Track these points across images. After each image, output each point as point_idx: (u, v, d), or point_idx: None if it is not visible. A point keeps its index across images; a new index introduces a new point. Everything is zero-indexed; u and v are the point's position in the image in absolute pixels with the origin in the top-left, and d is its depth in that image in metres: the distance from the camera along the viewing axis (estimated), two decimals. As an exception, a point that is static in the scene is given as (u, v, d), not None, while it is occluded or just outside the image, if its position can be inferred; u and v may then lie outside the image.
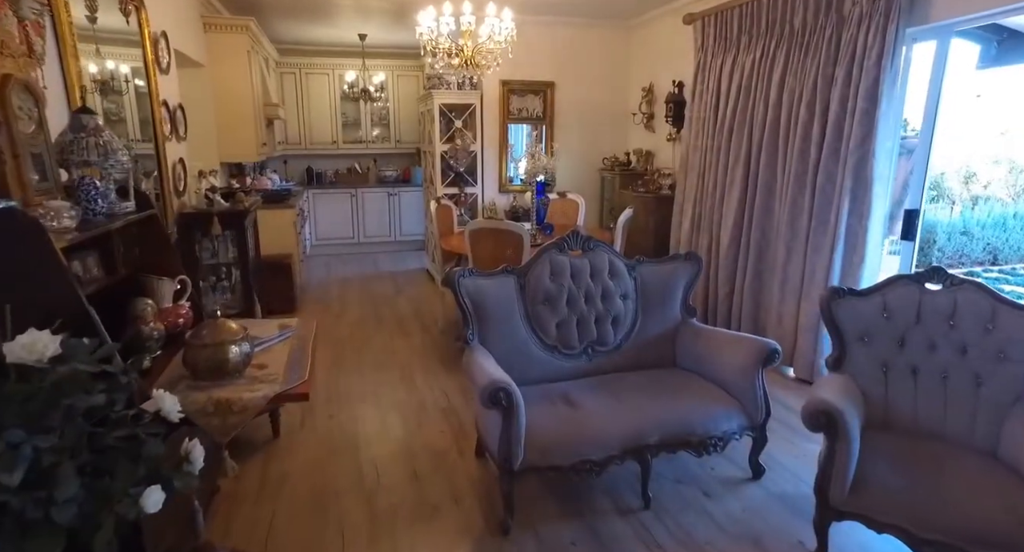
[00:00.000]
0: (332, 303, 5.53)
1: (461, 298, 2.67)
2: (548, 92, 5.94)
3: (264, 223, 5.22)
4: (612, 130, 6.23)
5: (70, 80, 2.30)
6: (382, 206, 7.76)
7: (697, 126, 4.76)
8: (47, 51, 2.14)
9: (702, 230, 4.73)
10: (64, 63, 2.29)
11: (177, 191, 3.67)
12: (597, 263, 2.96)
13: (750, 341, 2.67)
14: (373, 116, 7.77)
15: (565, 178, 6.17)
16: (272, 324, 2.28)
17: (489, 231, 3.55)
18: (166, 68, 3.59)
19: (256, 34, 5.23)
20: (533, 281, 2.85)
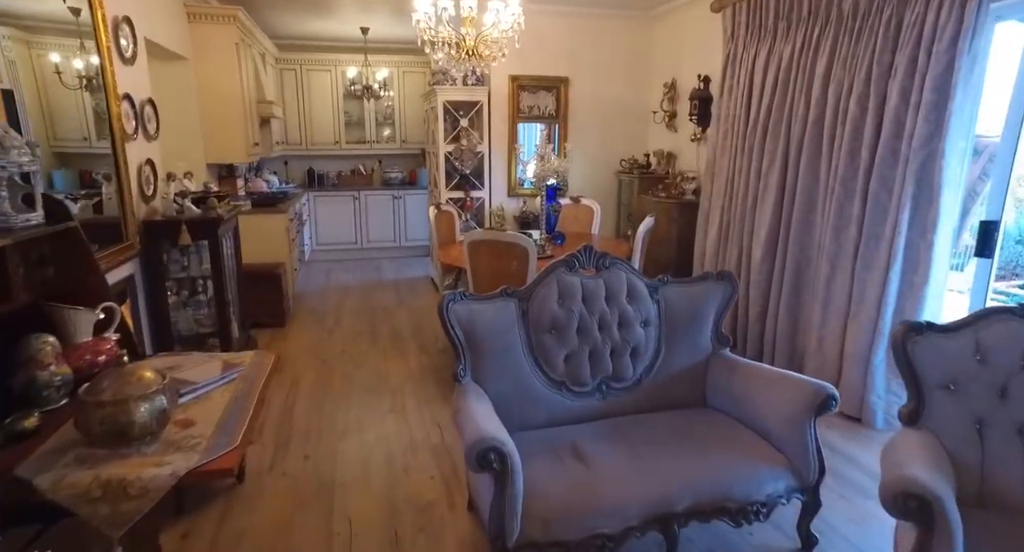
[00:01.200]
0: (327, 315, 5.13)
1: (450, 327, 2.24)
2: (562, 88, 5.50)
3: (253, 229, 4.84)
4: (631, 130, 5.76)
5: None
6: (386, 210, 7.37)
7: (726, 125, 4.29)
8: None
9: (731, 241, 4.25)
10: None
11: (145, 196, 3.29)
12: (613, 284, 2.52)
13: (800, 383, 2.20)
14: (378, 115, 7.38)
15: (579, 182, 5.72)
16: (215, 361, 1.88)
17: (490, 244, 3.12)
18: (131, 58, 3.21)
19: (247, 25, 4.86)
20: (538, 306, 2.41)
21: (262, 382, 1.85)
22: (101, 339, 1.81)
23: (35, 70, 2.74)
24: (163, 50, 4.07)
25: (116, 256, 2.91)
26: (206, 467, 1.34)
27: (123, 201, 3.00)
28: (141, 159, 3.27)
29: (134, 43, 3.25)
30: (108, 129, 2.92)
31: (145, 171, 3.32)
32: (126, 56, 3.16)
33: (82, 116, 2.84)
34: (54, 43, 2.78)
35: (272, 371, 1.98)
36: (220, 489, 2.59)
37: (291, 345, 4.40)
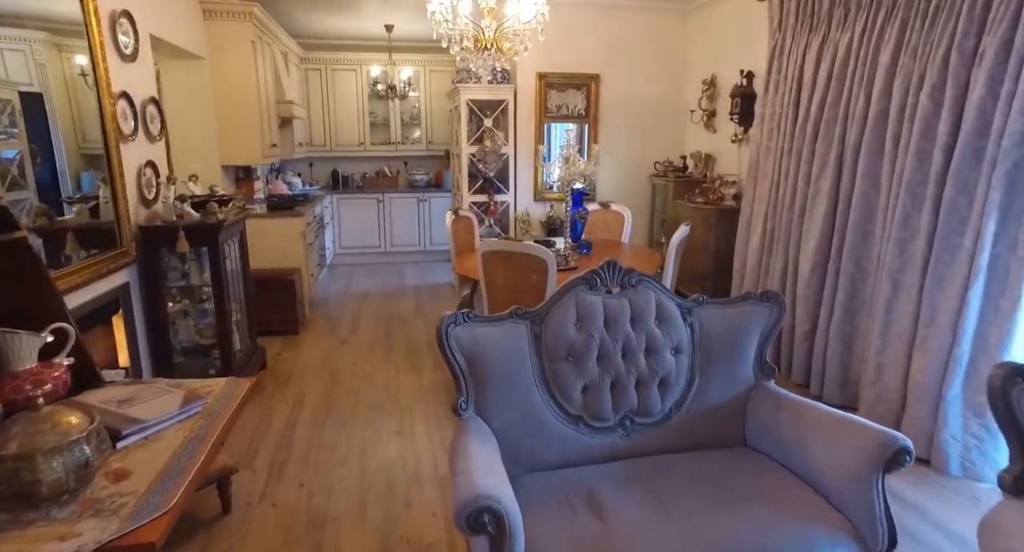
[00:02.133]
0: (343, 323, 4.93)
1: (450, 354, 1.97)
2: (592, 86, 5.18)
3: (268, 233, 4.69)
4: (666, 130, 5.40)
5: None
6: (411, 213, 7.16)
7: (771, 124, 3.90)
8: None
9: (775, 251, 3.86)
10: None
11: (145, 200, 3.12)
12: (640, 304, 2.20)
13: (864, 430, 1.84)
14: (403, 115, 7.19)
15: (609, 185, 5.39)
16: (178, 392, 1.64)
17: (505, 255, 2.83)
18: (131, 55, 3.04)
19: (264, 22, 4.70)
20: (553, 329, 2.11)
21: (226, 419, 1.60)
22: (48, 365, 1.59)
23: (64, 72, 2.66)
24: (176, 49, 3.94)
25: (108, 263, 2.74)
26: (120, 541, 1.09)
27: (117, 205, 2.83)
28: (141, 161, 3.11)
29: (135, 40, 3.09)
30: (101, 129, 2.74)
31: (146, 173, 3.15)
32: (125, 53, 2.99)
33: (71, 116, 2.67)
34: (80, 46, 2.66)
35: (243, 403, 1.74)
36: (203, 520, 2.37)
37: (302, 355, 4.20)
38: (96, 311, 2.70)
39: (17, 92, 2.57)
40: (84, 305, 2.58)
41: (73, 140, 2.74)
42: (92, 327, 2.78)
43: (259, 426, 3.16)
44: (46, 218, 2.81)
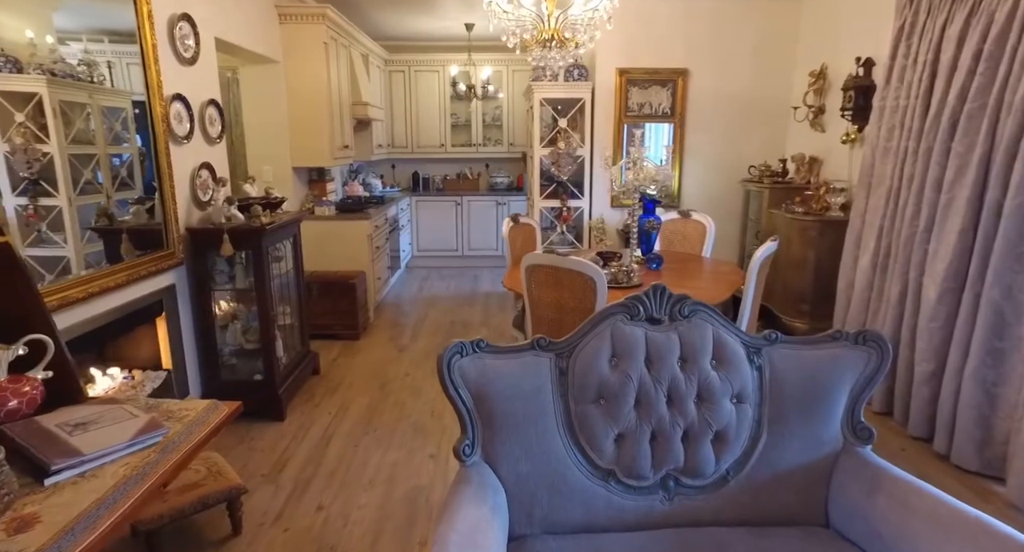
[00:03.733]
0: (405, 330, 4.81)
1: (453, 390, 1.69)
2: (679, 82, 4.69)
3: (335, 236, 4.68)
4: (763, 130, 4.80)
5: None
6: (489, 216, 6.98)
7: (892, 120, 3.27)
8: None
9: (891, 273, 3.23)
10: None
11: (200, 202, 3.12)
12: (693, 340, 1.80)
13: (1008, 542, 1.33)
14: (485, 117, 7.03)
15: (696, 192, 4.88)
16: (141, 418, 1.49)
17: (548, 270, 2.51)
18: (191, 58, 3.05)
19: (339, 23, 4.69)
20: (582, 365, 1.77)
21: (182, 453, 1.42)
22: (16, 380, 1.50)
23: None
24: (253, 53, 3.98)
25: (152, 264, 2.74)
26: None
27: (164, 207, 2.83)
28: (196, 163, 3.11)
29: (196, 43, 3.10)
30: (151, 131, 2.74)
31: (202, 176, 3.16)
32: (184, 56, 3.00)
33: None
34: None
35: (210, 434, 1.56)
36: (210, 541, 2.26)
37: (357, 362, 4.11)
38: (139, 312, 2.71)
39: (131, 100, 2.67)
40: (125, 306, 2.58)
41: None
42: (136, 328, 2.80)
43: (296, 435, 3.06)
44: (107, 219, 2.88)
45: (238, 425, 3.16)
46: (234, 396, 3.21)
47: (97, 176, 2.75)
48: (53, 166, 2.64)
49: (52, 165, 2.64)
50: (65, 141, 2.63)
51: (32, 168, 2.67)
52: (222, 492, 2.18)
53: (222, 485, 2.20)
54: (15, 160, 2.50)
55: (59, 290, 2.19)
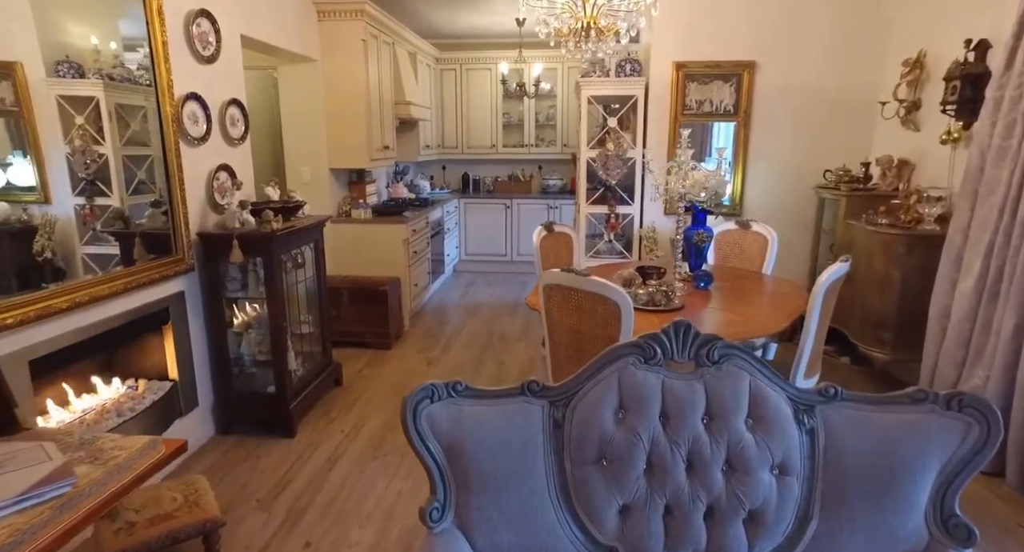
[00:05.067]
0: (439, 340, 4.59)
1: (419, 441, 1.41)
2: (744, 76, 4.21)
3: (371, 239, 4.55)
4: (844, 129, 4.24)
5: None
6: (540, 220, 6.52)
7: (1012, 114, 2.72)
8: None
9: (1003, 302, 2.68)
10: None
11: (217, 206, 3.01)
12: (723, 392, 1.44)
13: None
14: (538, 116, 6.73)
15: (760, 199, 4.38)
16: (51, 464, 1.30)
17: (566, 291, 2.18)
18: (211, 57, 2.94)
19: (379, 19, 4.52)
20: (581, 417, 1.46)
21: (82, 512, 1.21)
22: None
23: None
24: (286, 52, 3.88)
25: (156, 270, 2.63)
26: None
27: (173, 210, 2.72)
28: (213, 165, 3.00)
29: (217, 41, 2.98)
30: (159, 132, 2.63)
31: (220, 178, 3.05)
32: (203, 54, 2.89)
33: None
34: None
35: (134, 482, 1.35)
36: (186, 575, 2.09)
37: (382, 375, 3.92)
38: (144, 320, 2.60)
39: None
40: (127, 313, 2.48)
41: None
42: (144, 335, 2.71)
43: (302, 455, 2.88)
44: (122, 222, 2.81)
45: (248, 439, 3.03)
46: (246, 409, 3.12)
47: (154, 176, 2.73)
48: (108, 167, 2.62)
49: (107, 166, 2.62)
50: (119, 142, 2.61)
51: (89, 169, 2.66)
52: (195, 526, 2.00)
53: (196, 517, 2.02)
54: (75, 161, 2.51)
55: (38, 299, 2.07)
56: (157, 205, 2.84)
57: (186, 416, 2.83)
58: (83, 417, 2.36)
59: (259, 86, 4.73)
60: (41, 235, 2.34)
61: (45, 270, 2.29)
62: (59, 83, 2.36)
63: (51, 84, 2.32)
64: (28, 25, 2.24)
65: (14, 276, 2.18)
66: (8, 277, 2.16)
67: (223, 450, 2.94)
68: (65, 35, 2.41)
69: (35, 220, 2.30)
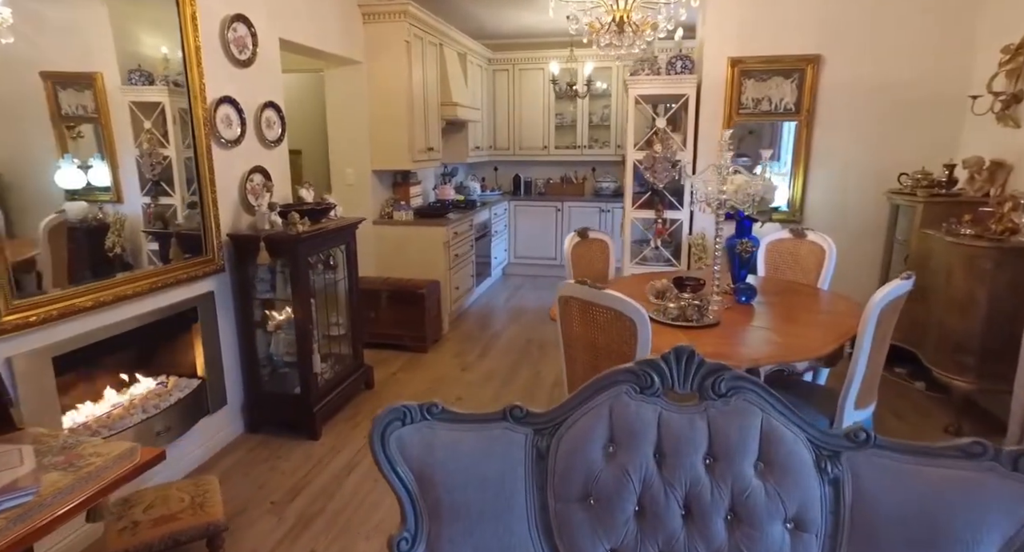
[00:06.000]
0: (476, 345, 4.51)
1: (388, 469, 1.31)
2: (807, 72, 3.87)
3: (412, 241, 4.53)
4: (924, 127, 3.82)
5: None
6: (591, 224, 6.42)
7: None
8: None
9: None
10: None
11: (250, 208, 3.05)
12: (730, 431, 1.26)
13: None
14: (592, 117, 6.54)
15: (823, 204, 4.03)
16: (16, 471, 1.30)
17: (582, 305, 2.02)
18: (247, 60, 2.99)
19: (424, 19, 4.50)
20: (567, 449, 1.32)
21: (39, 522, 1.19)
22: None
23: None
24: (329, 54, 3.92)
25: (185, 270, 2.69)
26: None
27: (203, 211, 2.77)
28: (247, 167, 3.04)
29: (254, 45, 3.02)
30: (192, 134, 2.69)
31: (254, 180, 3.09)
32: (239, 58, 2.94)
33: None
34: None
35: (99, 493, 1.32)
36: (190, 576, 2.10)
37: (414, 379, 3.88)
38: (172, 319, 2.66)
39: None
40: (153, 312, 2.53)
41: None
42: (173, 334, 2.77)
43: (322, 459, 2.87)
44: (161, 222, 2.90)
45: (274, 439, 3.05)
46: (273, 409, 3.14)
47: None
48: (171, 168, 2.74)
49: (170, 167, 2.74)
50: (183, 145, 2.74)
51: (155, 170, 2.79)
52: (197, 529, 2.00)
53: (199, 520, 2.01)
54: (143, 163, 2.66)
55: (60, 299, 2.13)
56: (194, 206, 2.91)
57: (213, 414, 2.88)
58: (111, 412, 2.43)
59: (312, 89, 4.83)
60: (112, 232, 2.52)
61: (115, 264, 2.47)
62: (132, 90, 2.54)
63: (125, 91, 2.51)
64: (108, 38, 2.44)
65: (88, 270, 2.35)
66: (84, 270, 2.34)
67: (248, 448, 2.98)
68: (138, 46, 2.58)
69: (108, 218, 2.48)
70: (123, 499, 2.10)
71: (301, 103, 4.95)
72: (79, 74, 2.38)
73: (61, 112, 2.33)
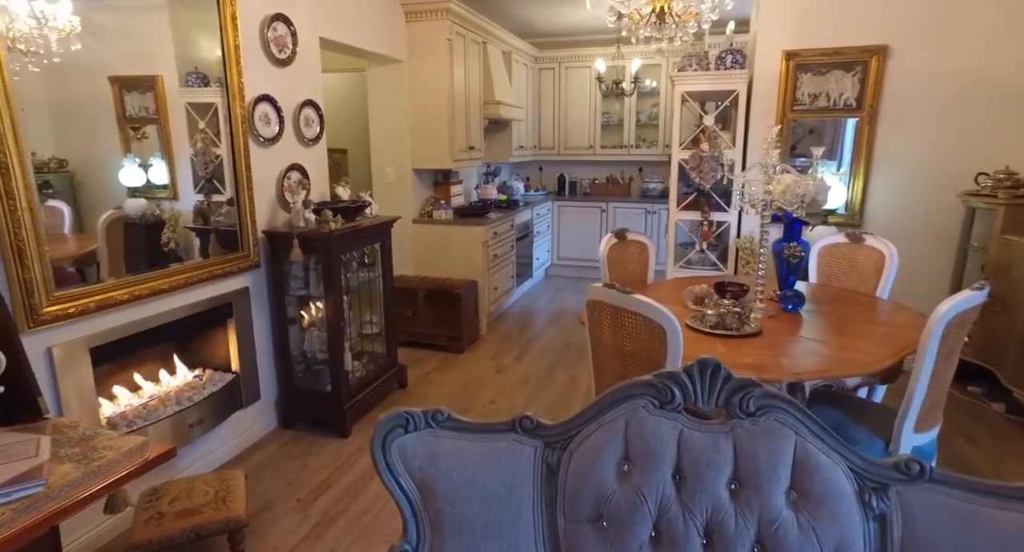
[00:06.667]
0: (513, 347, 4.44)
1: (390, 478, 1.25)
2: (872, 64, 3.60)
3: (451, 241, 4.51)
4: (1007, 122, 3.49)
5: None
6: (635, 225, 6.28)
7: None
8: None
9: None
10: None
11: (287, 205, 3.08)
12: (758, 454, 1.14)
13: None
14: (640, 115, 6.35)
15: (887, 207, 3.75)
16: (27, 462, 1.30)
17: (611, 310, 1.91)
18: (286, 59, 3.01)
19: (466, 17, 4.46)
20: (578, 466, 1.23)
21: (43, 514, 1.19)
22: (-47, 395, 1.42)
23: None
24: (371, 53, 3.94)
25: (221, 266, 2.72)
26: None
27: (239, 208, 2.81)
28: (285, 165, 3.07)
29: (294, 44, 3.05)
30: (229, 133, 2.73)
31: (292, 177, 3.12)
32: (279, 57, 2.97)
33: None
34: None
35: (105, 489, 1.32)
36: (212, 570, 2.11)
37: (449, 380, 3.84)
38: (208, 313, 2.70)
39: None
40: (186, 307, 2.58)
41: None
42: (210, 328, 2.82)
43: (350, 458, 2.86)
44: (202, 218, 2.96)
45: (306, 435, 3.07)
46: (305, 405, 3.16)
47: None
48: (223, 166, 2.82)
49: (222, 165, 2.83)
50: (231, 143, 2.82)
51: (208, 168, 2.88)
52: (218, 523, 2.01)
53: (220, 515, 2.02)
54: (197, 161, 2.76)
55: (99, 291, 2.18)
56: (232, 203, 2.96)
57: (247, 408, 2.91)
58: (147, 402, 2.48)
59: (359, 88, 4.87)
60: (168, 227, 2.63)
61: (169, 258, 2.58)
62: (188, 92, 2.65)
63: (182, 93, 2.62)
64: (168, 43, 2.55)
65: (146, 264, 2.47)
66: (141, 265, 2.44)
67: (281, 444, 3.00)
68: (194, 49, 2.66)
69: (164, 214, 2.59)
70: (153, 489, 2.14)
71: (348, 102, 5.01)
72: (142, 77, 2.51)
73: (126, 114, 2.47)
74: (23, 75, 1.93)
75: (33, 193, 1.95)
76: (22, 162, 1.91)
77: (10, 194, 1.89)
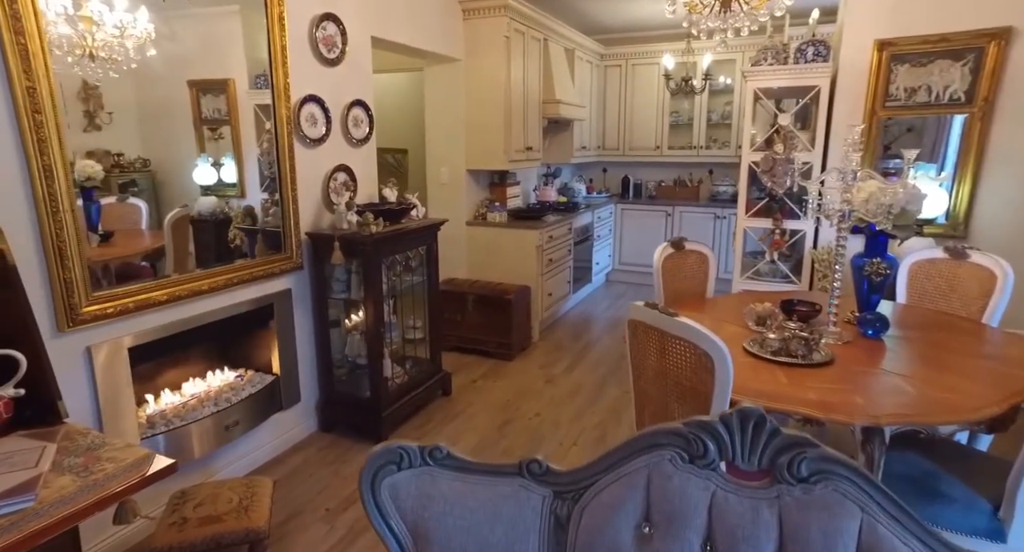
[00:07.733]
0: (565, 356, 4.25)
1: (379, 520, 1.12)
2: (988, 51, 3.14)
3: (504, 244, 4.38)
4: None
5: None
6: (703, 231, 5.94)
7: None
8: None
9: None
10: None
11: (330, 206, 3.05)
12: (809, 532, 0.92)
13: None
14: (712, 114, 5.98)
15: (1001, 217, 3.27)
16: (23, 474, 1.26)
17: (655, 333, 1.69)
18: (335, 58, 2.98)
19: (526, 14, 4.31)
20: (591, 522, 1.05)
21: (33, 530, 1.15)
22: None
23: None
24: (427, 52, 3.88)
25: (263, 267, 2.71)
26: None
27: (283, 209, 2.79)
28: (331, 166, 3.04)
29: (343, 43, 3.01)
30: (274, 133, 2.71)
31: (338, 178, 3.08)
32: (327, 57, 2.93)
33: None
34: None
35: (95, 506, 1.26)
36: (233, 579, 2.07)
37: (496, 388, 3.70)
38: (250, 314, 2.70)
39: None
40: (232, 306, 2.58)
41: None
42: (252, 329, 2.82)
43: (385, 468, 2.78)
44: (250, 219, 2.98)
45: (344, 440, 3.03)
46: (345, 410, 3.11)
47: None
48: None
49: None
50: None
51: (272, 168, 2.93)
52: (238, 533, 1.96)
53: (241, 525, 1.98)
54: (262, 161, 2.82)
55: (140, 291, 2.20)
56: (278, 204, 2.96)
57: (286, 410, 2.90)
58: (186, 402, 2.50)
59: (419, 88, 4.83)
60: (234, 225, 2.70)
61: (235, 255, 2.66)
62: (257, 94, 2.70)
63: (251, 95, 2.69)
64: (239, 47, 2.63)
65: (213, 259, 2.56)
66: (209, 260, 2.54)
67: (318, 448, 2.97)
68: (263, 52, 2.66)
69: (231, 212, 2.68)
70: (181, 491, 2.13)
71: (409, 102, 4.99)
72: (217, 81, 2.61)
73: (201, 115, 2.57)
74: (108, 81, 2.07)
75: (74, 195, 1.98)
76: (65, 166, 1.94)
77: (53, 196, 1.92)
